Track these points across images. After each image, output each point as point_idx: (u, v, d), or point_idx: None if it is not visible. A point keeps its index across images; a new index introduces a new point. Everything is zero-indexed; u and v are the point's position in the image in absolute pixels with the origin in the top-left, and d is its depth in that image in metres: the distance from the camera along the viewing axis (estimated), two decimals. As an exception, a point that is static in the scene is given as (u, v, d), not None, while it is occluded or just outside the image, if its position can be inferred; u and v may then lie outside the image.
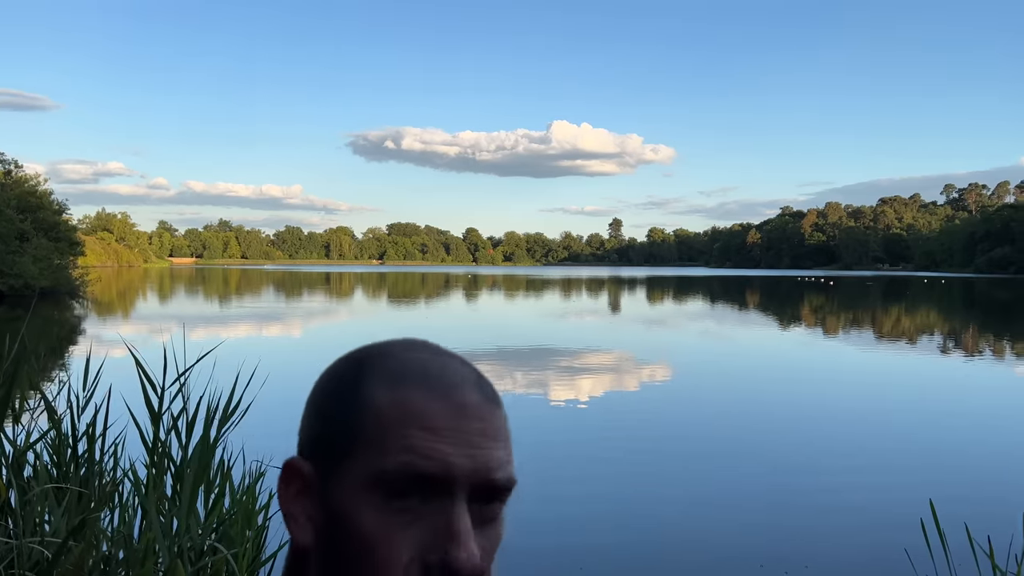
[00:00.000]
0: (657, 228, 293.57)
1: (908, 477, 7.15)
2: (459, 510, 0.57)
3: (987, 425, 9.72)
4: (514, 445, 0.56)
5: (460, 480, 0.58)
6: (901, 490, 6.67)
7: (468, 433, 0.59)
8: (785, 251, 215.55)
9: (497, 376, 13.11)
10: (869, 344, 19.97)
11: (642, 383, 12.88)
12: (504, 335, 20.70)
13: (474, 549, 0.56)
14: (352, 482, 0.59)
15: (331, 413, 0.63)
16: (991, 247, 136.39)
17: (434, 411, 0.59)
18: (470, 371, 0.64)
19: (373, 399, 0.61)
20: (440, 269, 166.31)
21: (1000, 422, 9.93)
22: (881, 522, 5.78)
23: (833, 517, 5.99)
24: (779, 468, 7.50)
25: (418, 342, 0.66)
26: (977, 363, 16.45)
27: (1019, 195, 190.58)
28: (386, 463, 0.58)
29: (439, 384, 0.61)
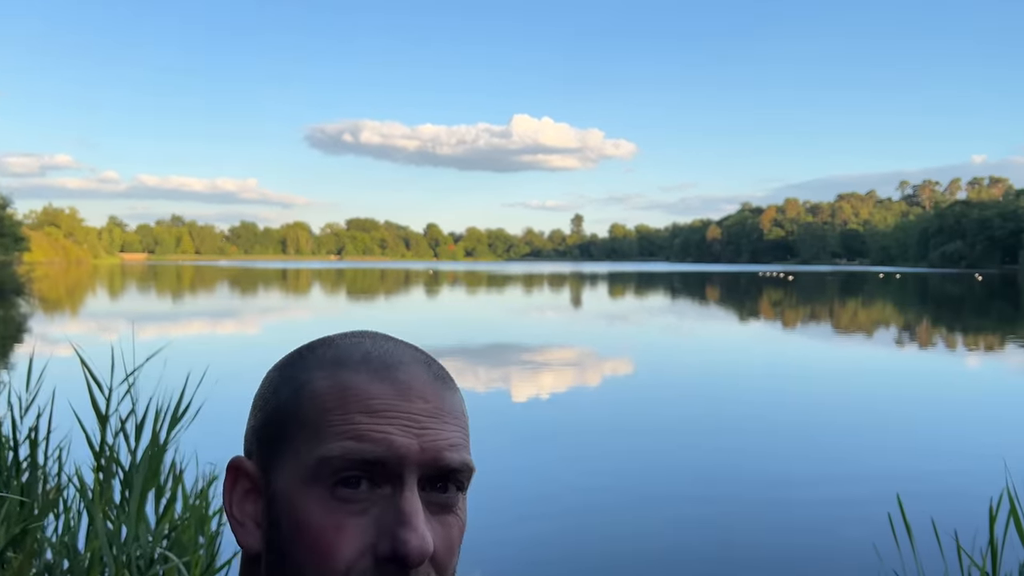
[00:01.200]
0: (618, 224, 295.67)
1: (874, 471, 7.24)
2: (408, 493, 0.55)
3: (943, 418, 9.91)
4: (477, 442, 0.52)
5: (408, 463, 0.55)
6: (867, 483, 6.74)
7: (414, 414, 0.57)
8: (745, 246, 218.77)
9: (459, 372, 13.01)
10: (828, 338, 20.30)
11: (604, 378, 12.90)
12: (466, 331, 20.60)
13: (425, 532, 0.53)
14: (295, 474, 0.57)
15: (270, 403, 0.61)
16: (944, 242, 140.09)
17: (376, 392, 0.57)
18: (417, 353, 0.62)
19: (312, 384, 0.59)
20: (400, 265, 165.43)
21: (957, 414, 10.13)
22: (849, 516, 5.82)
23: (799, 511, 6.03)
24: (742, 463, 7.54)
25: (364, 332, 0.64)
26: (931, 357, 16.81)
27: (970, 191, 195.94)
28: (329, 450, 0.55)
29: (381, 365, 0.59)
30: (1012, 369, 15.10)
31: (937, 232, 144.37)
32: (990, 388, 12.68)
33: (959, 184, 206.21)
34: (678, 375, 13.55)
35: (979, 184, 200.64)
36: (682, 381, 12.81)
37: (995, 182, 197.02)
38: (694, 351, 17.40)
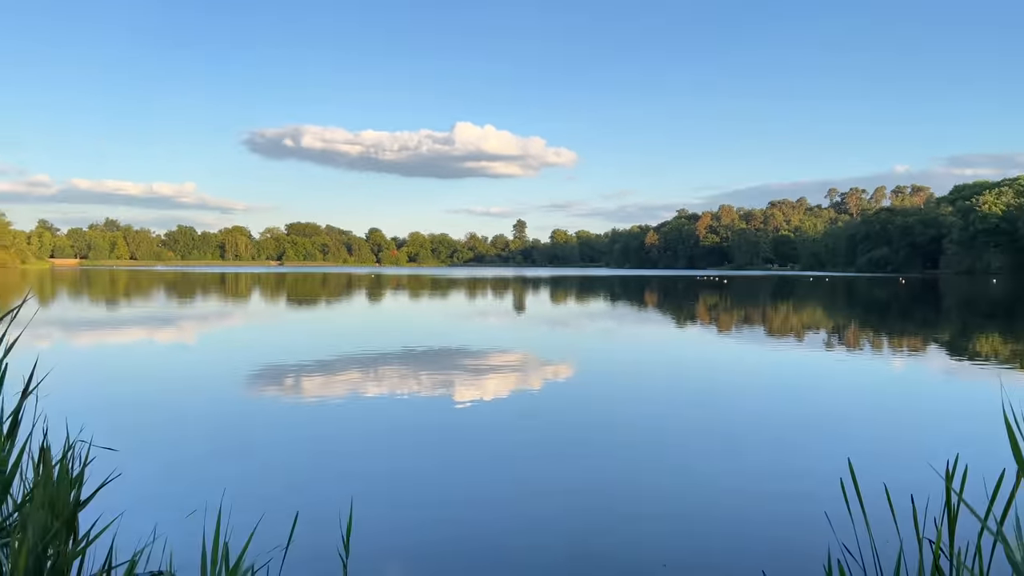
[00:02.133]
0: (560, 230, 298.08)
1: (808, 460, 7.68)
2: None
3: (875, 409, 10.49)
4: (420, 445, 0.45)
5: None
6: (805, 472, 7.16)
7: None
8: (682, 252, 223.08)
9: (401, 377, 13.16)
10: (760, 338, 21.03)
11: (545, 382, 13.20)
12: (409, 336, 20.70)
13: None
14: None
15: None
16: (870, 248, 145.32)
17: None
18: None
19: None
20: (342, 270, 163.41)
21: (883, 403, 10.73)
22: (800, 492, 6.22)
23: (745, 499, 6.39)
24: (682, 456, 7.90)
25: None
26: (859, 353, 17.61)
27: (894, 199, 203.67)
28: None
29: None
30: (932, 363, 15.94)
31: (864, 238, 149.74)
32: (910, 380, 13.41)
33: (884, 192, 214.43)
34: (620, 377, 13.94)
35: (902, 192, 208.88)
36: (624, 381, 13.19)
37: (917, 190, 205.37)
38: (634, 352, 17.84)
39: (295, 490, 6.61)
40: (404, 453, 8.05)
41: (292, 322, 27.15)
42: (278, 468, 7.36)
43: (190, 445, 8.29)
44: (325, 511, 5.88)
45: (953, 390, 13.00)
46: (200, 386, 12.43)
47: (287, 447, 8.24)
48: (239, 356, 16.30)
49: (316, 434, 8.87)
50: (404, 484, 6.87)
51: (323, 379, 12.98)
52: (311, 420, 9.66)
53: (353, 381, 12.79)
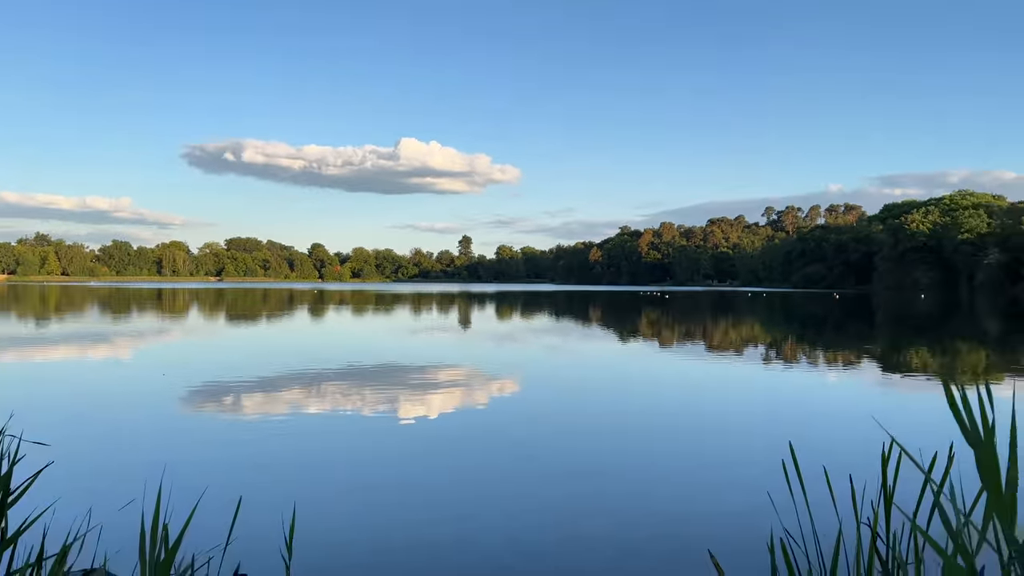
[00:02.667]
0: (505, 246, 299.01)
1: (746, 463, 7.81)
2: None
3: (805, 414, 10.74)
4: (364, 464, 0.43)
5: None
6: (744, 473, 7.28)
7: None
8: (624, 268, 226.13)
9: (344, 395, 12.96)
10: (702, 351, 21.39)
11: (491, 397, 13.16)
12: (353, 352, 20.43)
13: None
14: None
15: None
16: (806, 264, 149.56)
17: None
18: None
19: None
20: (284, 285, 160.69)
21: (816, 408, 11.00)
22: (745, 481, 6.31)
23: (696, 489, 6.46)
24: (628, 462, 7.95)
25: None
26: (793, 364, 18.05)
27: (828, 218, 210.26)
28: None
29: None
30: (863, 371, 16.43)
31: (799, 255, 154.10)
32: (844, 386, 13.79)
33: (819, 211, 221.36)
34: (566, 391, 13.98)
35: (836, 211, 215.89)
36: (568, 396, 13.23)
37: (850, 209, 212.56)
38: (579, 366, 17.93)
39: (231, 500, 6.42)
40: (344, 469, 7.91)
41: (230, 338, 26.53)
42: (216, 485, 7.14)
43: (120, 465, 7.99)
44: (267, 517, 5.73)
45: (884, 394, 13.42)
46: (131, 403, 12.01)
47: (224, 463, 8.01)
48: (175, 373, 15.81)
49: (254, 451, 8.65)
50: (344, 498, 6.75)
51: (262, 397, 12.70)
52: (249, 438, 9.42)
53: (294, 398, 12.54)
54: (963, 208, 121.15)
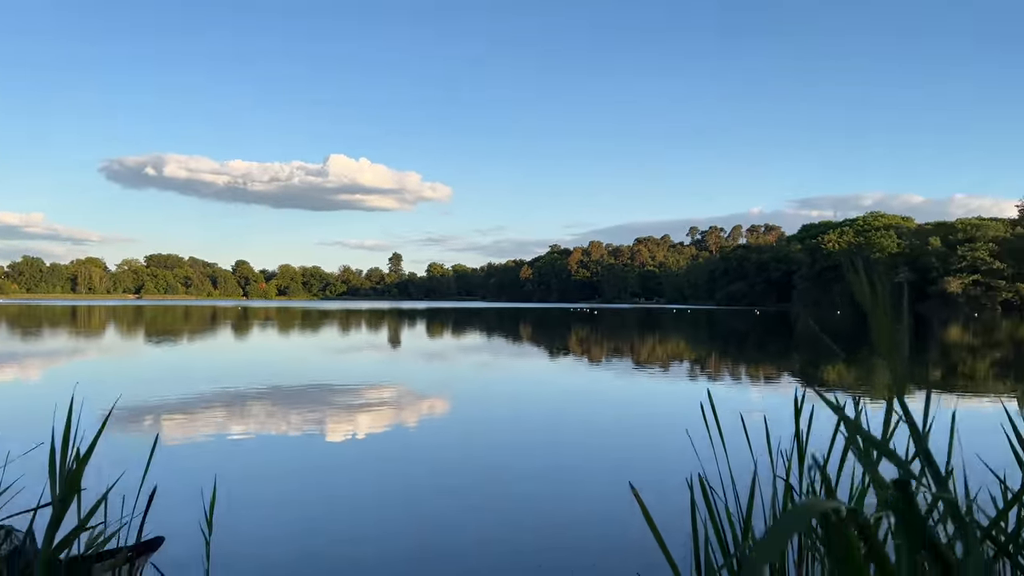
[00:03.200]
0: (436, 263, 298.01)
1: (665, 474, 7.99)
2: None
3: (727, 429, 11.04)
4: (288, 486, 0.42)
5: None
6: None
7: None
8: (555, 286, 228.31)
9: (268, 416, 12.70)
10: (627, 366, 21.76)
11: (421, 416, 13.10)
12: (278, 371, 20.02)
13: None
14: None
15: None
16: (729, 283, 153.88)
17: None
18: None
19: None
20: (206, 303, 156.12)
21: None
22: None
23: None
24: (550, 479, 8.03)
25: None
26: (711, 379, 18.54)
27: (750, 238, 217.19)
28: None
29: None
30: (776, 387, 17.01)
31: (723, 273, 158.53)
32: (764, 403, 14.24)
33: (740, 231, 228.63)
34: (493, 409, 14.02)
35: (757, 231, 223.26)
36: (495, 414, 13.27)
37: (770, 229, 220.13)
38: (508, 382, 18.00)
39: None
40: (262, 488, 7.76)
41: (147, 357, 25.63)
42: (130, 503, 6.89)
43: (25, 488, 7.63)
44: (184, 539, 5.57)
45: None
46: (38, 422, 11.48)
47: (134, 487, 7.74)
48: (87, 392, 15.17)
49: (167, 473, 8.39)
50: (265, 516, 6.62)
51: (183, 418, 12.33)
52: (167, 462, 9.13)
53: (215, 419, 12.22)
54: (875, 229, 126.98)
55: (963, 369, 22.97)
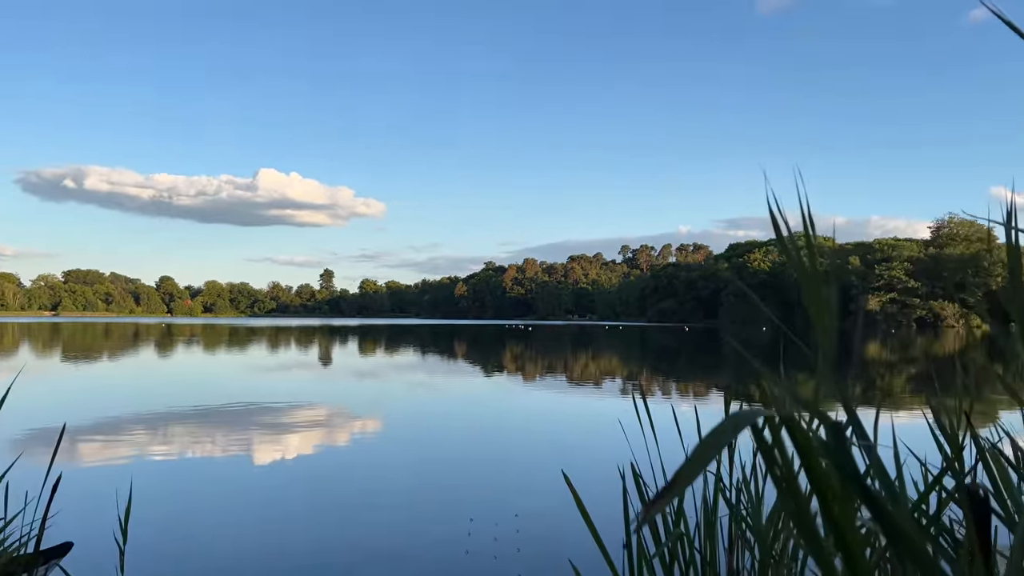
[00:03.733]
0: (370, 280, 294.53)
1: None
2: None
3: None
4: (208, 512, 0.44)
5: None
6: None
7: None
8: (489, 303, 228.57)
9: (194, 437, 12.28)
10: (563, 384, 21.87)
11: (352, 436, 12.86)
12: (203, 391, 19.40)
13: None
14: None
15: None
16: (659, 300, 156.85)
17: None
18: None
19: None
20: (128, 320, 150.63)
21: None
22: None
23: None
24: (483, 497, 7.97)
25: None
26: (643, 396, 18.77)
27: (679, 256, 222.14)
28: None
29: None
30: (705, 401, 17.36)
31: (653, 291, 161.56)
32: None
33: (670, 249, 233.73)
34: (426, 429, 13.87)
35: (686, 250, 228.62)
36: (430, 433, 13.13)
37: (698, 248, 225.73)
38: (441, 401, 17.86)
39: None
40: (179, 517, 7.47)
41: (63, 377, 24.50)
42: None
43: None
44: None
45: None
46: (-54, 453, 10.82)
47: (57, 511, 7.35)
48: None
49: (84, 496, 8.00)
50: (182, 544, 6.37)
51: (102, 441, 11.79)
52: (79, 486, 8.70)
53: (136, 442, 11.73)
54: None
55: (881, 384, 23.88)
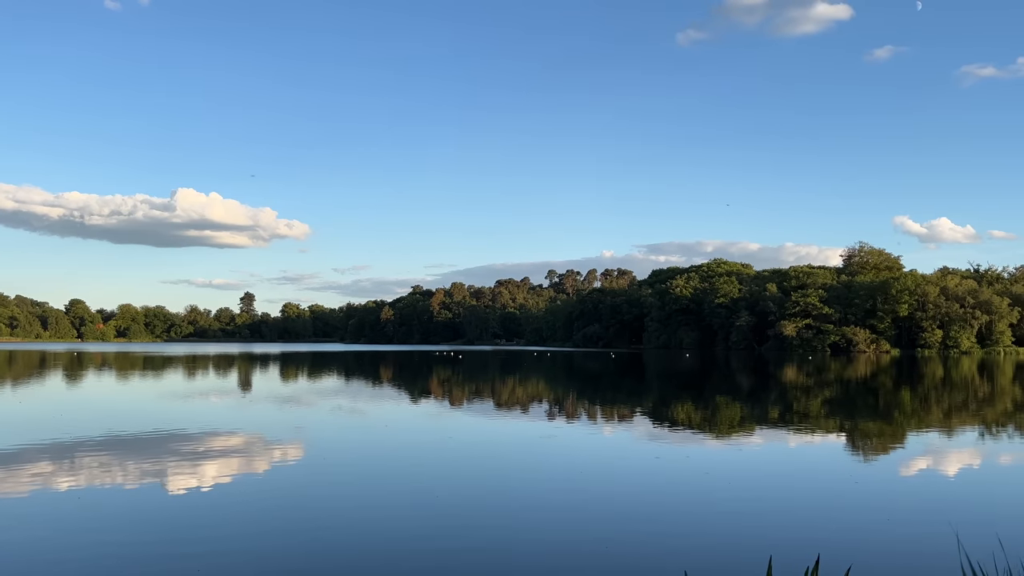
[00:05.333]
0: (292, 303, 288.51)
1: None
2: None
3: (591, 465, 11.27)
4: (127, 543, 0.37)
5: None
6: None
7: None
8: (416, 327, 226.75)
9: (105, 466, 11.73)
10: (489, 411, 21.83)
11: (273, 464, 12.52)
12: (116, 421, 18.55)
13: None
14: None
15: None
16: (585, 325, 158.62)
17: None
18: None
19: None
20: (35, 346, 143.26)
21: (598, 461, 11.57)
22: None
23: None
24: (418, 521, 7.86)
25: None
26: (576, 421, 18.96)
27: (604, 281, 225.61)
28: None
29: None
30: (633, 426, 17.65)
31: (579, 316, 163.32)
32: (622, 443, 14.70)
33: (595, 275, 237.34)
34: (349, 456, 13.61)
35: (611, 275, 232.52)
36: (352, 461, 12.89)
37: (622, 274, 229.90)
38: (363, 430, 17.57)
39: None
40: (89, 553, 7.11)
41: (-37, 408, 23.06)
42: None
43: None
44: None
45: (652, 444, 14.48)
46: None
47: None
48: None
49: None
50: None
51: (3, 473, 11.14)
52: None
53: (41, 474, 11.12)
54: (718, 275, 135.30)
55: (799, 407, 24.69)
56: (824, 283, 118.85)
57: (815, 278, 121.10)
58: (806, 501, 9.95)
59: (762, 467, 12.68)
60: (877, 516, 9.01)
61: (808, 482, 11.33)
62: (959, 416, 21.84)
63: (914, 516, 9.18)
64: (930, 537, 8.11)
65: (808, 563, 3.67)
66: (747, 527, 8.48)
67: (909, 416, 21.98)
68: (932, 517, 9.08)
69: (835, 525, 8.64)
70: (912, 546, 7.82)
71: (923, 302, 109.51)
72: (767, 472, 12.17)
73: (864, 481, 11.42)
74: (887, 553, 7.50)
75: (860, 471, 12.51)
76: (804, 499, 10.09)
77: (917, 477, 12.03)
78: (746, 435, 16.86)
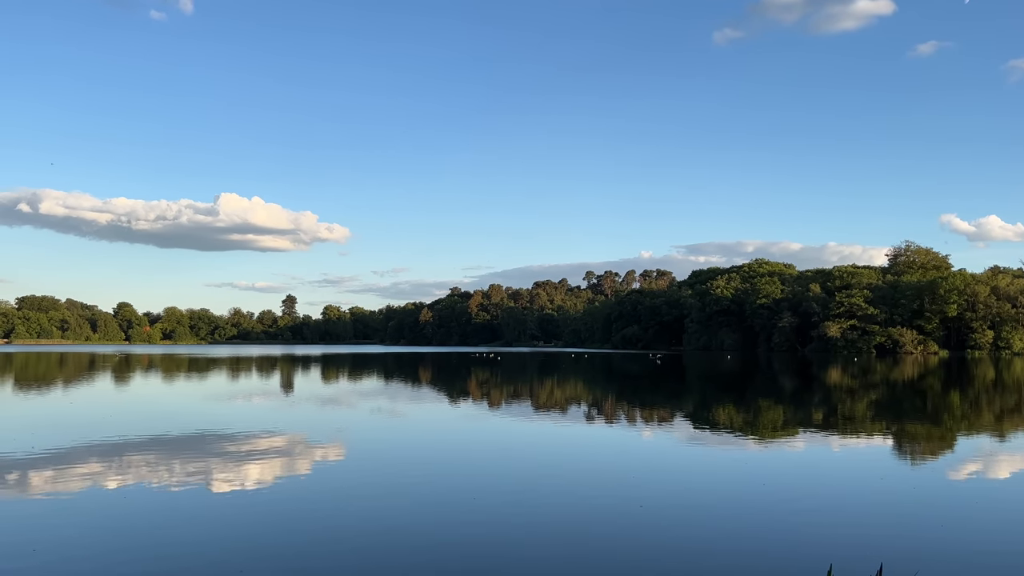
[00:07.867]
0: (333, 306, 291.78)
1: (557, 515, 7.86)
2: None
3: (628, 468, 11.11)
4: (166, 542, 0.38)
5: None
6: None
7: None
8: (455, 329, 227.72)
9: (152, 467, 11.90)
10: (528, 412, 21.73)
11: (314, 465, 12.58)
12: (162, 422, 18.87)
13: None
14: None
15: None
16: (624, 326, 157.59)
17: None
18: None
19: None
20: (84, 348, 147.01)
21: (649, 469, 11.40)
22: None
23: None
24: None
25: None
26: (613, 423, 18.76)
27: (643, 282, 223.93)
28: None
29: None
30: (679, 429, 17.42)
31: (618, 317, 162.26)
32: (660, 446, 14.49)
33: (634, 276, 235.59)
34: (390, 459, 13.63)
35: (650, 276, 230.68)
36: (395, 463, 12.90)
37: (662, 275, 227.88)
38: (402, 430, 17.60)
39: None
40: (146, 550, 7.18)
41: (16, 408, 23.69)
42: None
43: None
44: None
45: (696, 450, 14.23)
46: None
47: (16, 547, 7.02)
48: (-57, 450, 13.82)
49: (48, 536, 7.65)
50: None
51: (52, 472, 11.36)
52: (42, 521, 8.33)
53: (92, 473, 11.32)
54: (760, 276, 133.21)
55: (844, 410, 24.14)
56: (869, 283, 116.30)
57: (860, 278, 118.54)
58: (864, 507, 9.66)
59: (816, 473, 12.38)
60: (937, 523, 8.70)
61: (863, 487, 11.02)
62: (1012, 420, 21.13)
63: (976, 524, 8.84)
64: (997, 545, 7.80)
65: (870, 572, 3.50)
66: (806, 535, 8.25)
67: (959, 420, 21.34)
68: (995, 526, 8.74)
69: (895, 532, 8.35)
70: (981, 559, 7.49)
71: (973, 302, 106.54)
72: (822, 477, 11.88)
73: (922, 487, 11.07)
74: (952, 562, 7.21)
75: (916, 477, 12.15)
76: (861, 505, 9.79)
77: (975, 482, 11.63)
78: (796, 439, 16.51)
